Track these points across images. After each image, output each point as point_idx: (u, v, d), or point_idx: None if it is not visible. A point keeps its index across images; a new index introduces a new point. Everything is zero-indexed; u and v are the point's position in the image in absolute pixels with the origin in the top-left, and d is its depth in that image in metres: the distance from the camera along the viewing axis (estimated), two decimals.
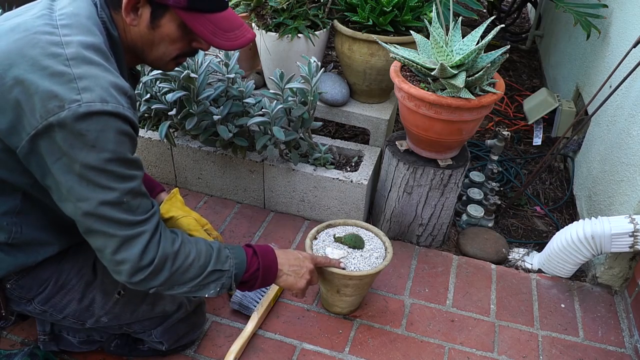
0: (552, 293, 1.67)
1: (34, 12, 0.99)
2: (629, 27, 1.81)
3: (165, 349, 1.34)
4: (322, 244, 1.49)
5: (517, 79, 3.14)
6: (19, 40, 0.93)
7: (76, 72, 0.91)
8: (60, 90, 0.89)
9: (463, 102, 1.44)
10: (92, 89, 0.90)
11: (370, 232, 1.55)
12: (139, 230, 0.99)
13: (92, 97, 0.90)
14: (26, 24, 0.96)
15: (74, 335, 1.33)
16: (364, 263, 1.44)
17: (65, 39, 0.93)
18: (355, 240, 1.48)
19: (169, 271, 1.04)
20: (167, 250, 1.02)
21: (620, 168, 1.66)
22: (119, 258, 0.98)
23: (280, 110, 1.65)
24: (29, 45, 0.92)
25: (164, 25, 1.03)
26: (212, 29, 1.04)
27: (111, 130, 0.92)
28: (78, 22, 0.97)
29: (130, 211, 0.97)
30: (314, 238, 1.51)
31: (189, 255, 1.07)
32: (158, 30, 1.04)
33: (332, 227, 1.56)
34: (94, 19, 1.00)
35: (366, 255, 1.46)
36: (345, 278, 1.40)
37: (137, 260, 0.99)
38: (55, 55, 0.91)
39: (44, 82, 0.89)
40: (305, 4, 1.90)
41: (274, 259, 1.25)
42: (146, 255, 0.99)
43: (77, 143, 0.90)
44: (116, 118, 0.92)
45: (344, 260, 1.44)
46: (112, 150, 0.93)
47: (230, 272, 1.14)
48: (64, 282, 1.14)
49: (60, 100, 0.88)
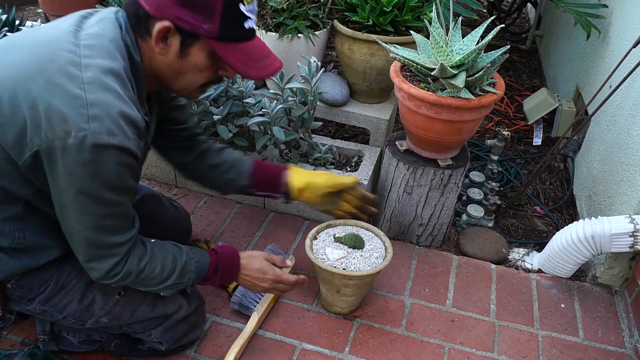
0: (552, 293, 1.67)
1: (64, 26, 0.99)
2: (629, 27, 1.81)
3: (165, 349, 1.34)
4: (322, 244, 1.49)
5: (517, 79, 3.14)
6: (40, 53, 0.93)
7: (89, 98, 0.90)
8: (70, 114, 0.89)
9: (463, 102, 1.44)
10: (101, 119, 0.90)
11: (370, 232, 1.55)
12: (112, 252, 1.05)
13: (99, 128, 0.90)
14: (52, 38, 0.96)
15: (73, 335, 1.33)
16: (364, 263, 1.44)
17: (85, 61, 0.93)
18: (355, 240, 1.48)
19: (131, 281, 1.11)
20: (132, 268, 1.08)
21: (620, 168, 1.66)
22: (89, 265, 1.06)
23: (280, 110, 1.65)
24: (49, 61, 0.92)
25: (193, 54, 1.02)
26: (242, 58, 1.04)
27: (113, 162, 0.93)
28: (101, 44, 0.96)
29: (109, 234, 1.02)
30: (314, 238, 1.51)
31: (153, 271, 1.12)
32: (187, 59, 1.03)
33: (332, 227, 1.56)
34: (117, 42, 0.98)
35: (366, 255, 1.46)
36: (345, 278, 1.40)
37: (103, 274, 1.06)
38: (72, 76, 0.91)
39: (56, 101, 0.89)
40: (305, 4, 1.90)
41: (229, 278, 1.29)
42: (112, 272, 1.06)
43: (77, 170, 0.92)
44: (120, 151, 0.93)
45: (344, 260, 1.44)
46: (110, 180, 0.95)
47: (187, 283, 1.21)
48: (64, 282, 1.15)
49: (68, 125, 0.89)
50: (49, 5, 2.74)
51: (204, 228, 1.84)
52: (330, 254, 1.45)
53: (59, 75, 0.90)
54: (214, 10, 0.96)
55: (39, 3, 2.83)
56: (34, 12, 3.80)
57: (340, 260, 1.43)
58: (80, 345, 1.35)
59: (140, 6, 0.97)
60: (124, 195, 1.02)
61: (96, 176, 0.93)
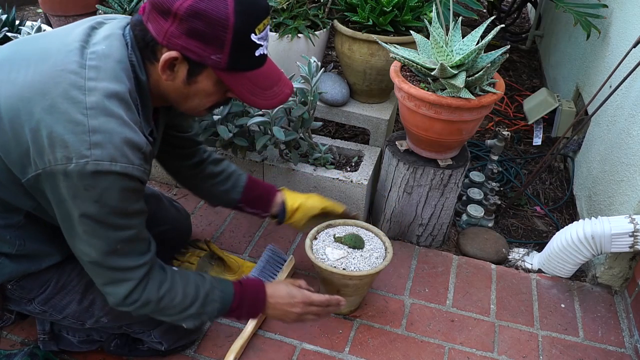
0: (552, 293, 1.67)
1: (70, 40, 0.96)
2: (629, 27, 1.81)
3: (165, 349, 1.34)
4: (322, 244, 1.49)
5: (517, 79, 3.14)
6: (45, 73, 0.92)
7: (92, 124, 0.89)
8: (72, 141, 0.87)
9: (463, 102, 1.44)
10: (104, 146, 0.88)
11: (370, 232, 1.55)
12: (127, 276, 1.02)
13: (101, 155, 0.88)
14: (57, 56, 0.93)
15: (73, 334, 1.33)
16: (364, 263, 1.44)
17: (89, 84, 0.91)
18: (355, 240, 1.48)
19: (150, 310, 1.09)
20: (151, 297, 1.06)
21: (620, 168, 1.66)
22: (105, 290, 1.04)
23: (280, 110, 1.65)
24: (53, 83, 0.90)
25: (201, 81, 1.00)
26: (251, 87, 1.01)
27: (116, 188, 0.92)
28: (107, 65, 0.94)
29: (121, 257, 1.00)
30: (314, 238, 1.51)
31: (173, 299, 1.09)
32: (194, 86, 1.01)
33: (332, 227, 1.56)
34: (124, 63, 0.96)
35: (366, 255, 1.46)
36: (345, 278, 1.40)
37: (121, 299, 1.04)
38: (75, 101, 0.89)
39: (59, 127, 0.88)
40: (305, 4, 1.90)
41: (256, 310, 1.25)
42: (130, 297, 1.04)
43: (80, 195, 0.91)
44: (123, 177, 0.91)
45: (344, 260, 1.44)
46: (115, 206, 0.93)
47: (211, 314, 1.17)
48: (64, 282, 1.15)
49: (70, 152, 0.87)
50: (49, 5, 2.74)
51: (204, 228, 1.83)
52: (330, 254, 1.45)
53: (62, 100, 0.89)
54: (223, 42, 0.93)
55: (39, 3, 2.83)
56: (34, 12, 3.80)
57: (340, 260, 1.43)
58: (80, 345, 1.35)
59: (148, 31, 0.95)
60: (133, 219, 0.99)
61: (100, 202, 0.92)
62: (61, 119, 0.88)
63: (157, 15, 0.93)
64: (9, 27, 2.13)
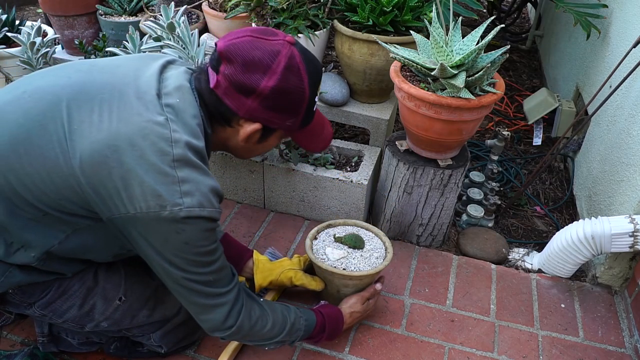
0: (552, 293, 1.67)
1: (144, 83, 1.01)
2: (629, 27, 1.81)
3: (165, 352, 1.34)
4: (322, 244, 1.49)
5: (517, 79, 3.14)
6: (130, 123, 0.96)
7: (180, 175, 0.95)
8: (164, 191, 0.94)
9: (463, 102, 1.44)
10: (193, 194, 0.96)
11: (370, 232, 1.55)
12: (221, 300, 1.09)
13: (192, 203, 0.96)
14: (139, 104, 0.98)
15: (72, 336, 1.33)
16: (364, 263, 1.44)
17: (174, 136, 0.97)
18: (355, 240, 1.48)
19: (243, 337, 1.17)
20: (245, 323, 1.14)
21: (620, 168, 1.66)
22: (202, 318, 1.11)
23: None
24: (141, 135, 0.95)
25: (270, 140, 1.14)
26: (310, 137, 1.18)
27: (203, 230, 0.99)
28: (184, 120, 1.00)
29: (213, 285, 1.07)
30: (314, 238, 1.51)
31: (264, 326, 1.18)
32: (263, 144, 1.15)
33: (332, 227, 1.56)
34: (198, 119, 1.03)
35: (366, 255, 1.46)
36: (345, 278, 1.40)
37: (218, 325, 1.11)
38: (163, 152, 0.95)
39: (149, 177, 0.94)
40: (305, 4, 1.90)
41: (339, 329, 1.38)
42: (226, 322, 1.11)
43: (171, 239, 0.97)
44: (208, 221, 0.99)
45: (344, 260, 1.44)
46: (201, 245, 1.01)
47: (294, 340, 1.28)
48: (65, 288, 1.15)
49: (163, 200, 0.94)
50: (49, 5, 2.73)
51: None
52: (330, 254, 1.45)
53: (151, 152, 0.94)
54: (299, 110, 1.07)
55: (38, 3, 2.82)
56: (33, 12, 3.81)
57: (340, 260, 1.43)
58: (80, 347, 1.35)
59: (224, 103, 1.04)
60: (217, 252, 1.07)
61: (189, 243, 0.99)
62: (151, 170, 0.94)
63: (237, 93, 1.02)
64: (9, 27, 2.13)
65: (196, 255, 1.01)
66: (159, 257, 1.00)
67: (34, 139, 0.96)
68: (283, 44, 1.02)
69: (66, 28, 2.42)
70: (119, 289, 1.19)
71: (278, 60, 1.00)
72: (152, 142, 0.94)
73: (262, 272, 1.46)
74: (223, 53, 1.00)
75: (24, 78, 1.07)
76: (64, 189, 0.96)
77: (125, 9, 2.40)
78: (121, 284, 1.20)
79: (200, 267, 1.03)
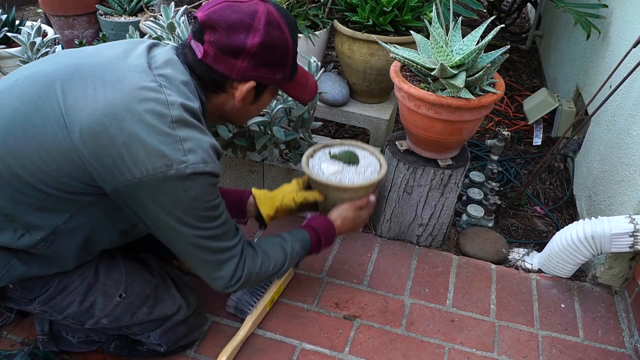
0: (552, 293, 1.67)
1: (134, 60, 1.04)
2: (629, 27, 1.81)
3: (164, 350, 1.34)
4: (317, 160, 1.52)
5: (517, 79, 3.14)
6: (125, 91, 0.98)
7: (181, 135, 0.98)
8: (168, 151, 0.96)
9: (463, 102, 1.44)
10: (196, 151, 0.99)
11: (365, 151, 1.57)
12: (230, 254, 1.14)
13: (196, 159, 0.99)
14: (131, 75, 1.01)
15: (73, 335, 1.34)
16: (358, 178, 1.46)
17: (170, 99, 1.00)
18: (350, 157, 1.51)
19: (252, 282, 1.21)
20: (252, 271, 1.19)
21: (621, 168, 1.66)
22: (214, 276, 1.15)
23: (280, 110, 1.65)
24: (137, 100, 0.97)
25: (264, 98, 1.19)
26: (298, 88, 1.22)
27: (208, 186, 1.03)
28: (177, 86, 1.04)
29: (221, 240, 1.11)
30: (311, 156, 1.53)
31: (268, 267, 1.24)
32: (257, 103, 1.19)
33: (329, 147, 1.57)
34: (190, 86, 1.07)
35: (361, 170, 1.49)
36: (340, 190, 1.42)
37: (228, 279, 1.15)
38: (161, 115, 0.98)
39: (152, 139, 0.96)
40: (305, 4, 1.90)
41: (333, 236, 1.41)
42: (235, 275, 1.15)
43: (180, 196, 1.00)
44: (212, 176, 1.03)
45: (339, 175, 1.46)
46: (208, 200, 1.04)
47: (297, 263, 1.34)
48: (66, 284, 1.15)
49: (169, 160, 0.96)
50: (49, 5, 2.74)
51: None
52: (325, 169, 1.47)
53: (149, 115, 0.97)
54: (286, 62, 1.12)
55: (39, 3, 2.83)
56: (34, 12, 3.81)
57: (335, 174, 1.45)
58: (80, 346, 1.35)
59: (215, 70, 1.07)
60: (221, 206, 1.10)
61: (198, 199, 1.02)
62: (152, 132, 0.96)
63: (227, 57, 1.06)
64: (9, 27, 2.13)
65: (205, 210, 1.04)
66: (170, 217, 1.02)
67: (31, 120, 0.97)
68: (258, 2, 1.07)
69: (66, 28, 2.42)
70: (120, 286, 1.20)
71: (258, 18, 1.05)
72: (149, 106, 0.97)
73: (265, 202, 1.48)
74: (205, 22, 1.04)
75: (17, 70, 1.09)
76: (64, 165, 0.97)
77: (125, 9, 2.40)
78: (122, 280, 1.20)
79: (209, 221, 1.06)
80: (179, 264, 1.62)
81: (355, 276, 1.69)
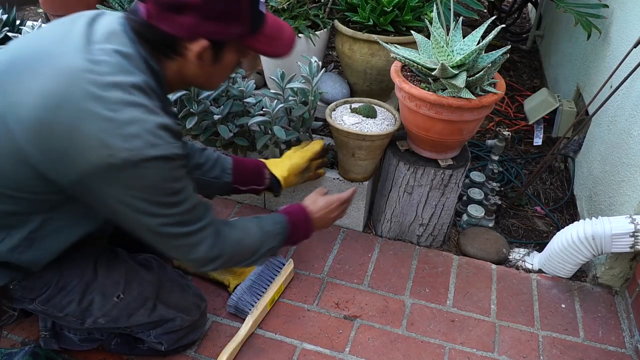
0: (553, 293, 1.67)
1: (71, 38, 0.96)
2: (630, 27, 1.80)
3: (165, 349, 1.34)
4: (339, 113, 1.69)
5: (518, 79, 3.14)
6: (59, 77, 0.91)
7: (121, 118, 0.90)
8: (108, 139, 0.89)
9: (464, 102, 1.44)
10: (140, 135, 0.91)
11: (382, 108, 1.75)
12: (202, 236, 1.08)
13: (140, 144, 0.91)
14: (65, 57, 0.93)
15: (74, 332, 1.34)
16: (376, 129, 1.63)
17: (107, 79, 0.92)
18: (368, 110, 1.67)
19: (231, 260, 1.17)
20: (228, 248, 1.14)
21: (621, 168, 1.66)
22: (189, 259, 1.10)
23: (281, 109, 1.65)
24: (72, 86, 0.90)
25: (226, 57, 1.05)
26: (268, 41, 1.07)
27: (163, 170, 0.95)
28: (118, 61, 0.95)
29: (189, 224, 1.05)
30: (333, 110, 1.70)
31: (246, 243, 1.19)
32: (220, 64, 1.06)
33: (350, 103, 1.76)
34: (134, 60, 0.97)
35: (378, 122, 1.66)
36: (359, 138, 1.58)
37: (205, 260, 1.11)
38: (99, 98, 0.90)
39: (92, 127, 0.89)
40: (306, 4, 1.90)
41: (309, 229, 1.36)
42: (211, 253, 1.11)
43: (133, 185, 0.93)
44: (166, 160, 0.94)
45: (359, 125, 1.62)
46: (166, 187, 0.97)
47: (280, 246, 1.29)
48: (64, 283, 1.15)
49: (111, 149, 0.89)
50: (50, 5, 2.74)
51: None
52: (347, 120, 1.65)
53: (87, 101, 0.89)
54: (240, 12, 0.99)
55: (39, 3, 2.83)
56: (34, 12, 3.81)
57: (355, 125, 1.62)
58: (81, 344, 1.35)
59: (161, 30, 0.97)
60: (186, 191, 1.02)
61: (152, 186, 0.95)
62: (91, 120, 0.89)
63: (170, 13, 0.95)
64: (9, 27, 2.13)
65: (164, 196, 0.97)
66: (128, 208, 0.96)
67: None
68: None
69: None
70: (118, 287, 1.19)
71: None
72: (85, 91, 0.90)
73: (278, 167, 1.53)
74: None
75: None
76: (19, 167, 0.94)
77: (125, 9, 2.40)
78: (120, 281, 1.20)
79: (171, 207, 1.00)
80: (179, 263, 1.62)
81: (355, 276, 1.69)
